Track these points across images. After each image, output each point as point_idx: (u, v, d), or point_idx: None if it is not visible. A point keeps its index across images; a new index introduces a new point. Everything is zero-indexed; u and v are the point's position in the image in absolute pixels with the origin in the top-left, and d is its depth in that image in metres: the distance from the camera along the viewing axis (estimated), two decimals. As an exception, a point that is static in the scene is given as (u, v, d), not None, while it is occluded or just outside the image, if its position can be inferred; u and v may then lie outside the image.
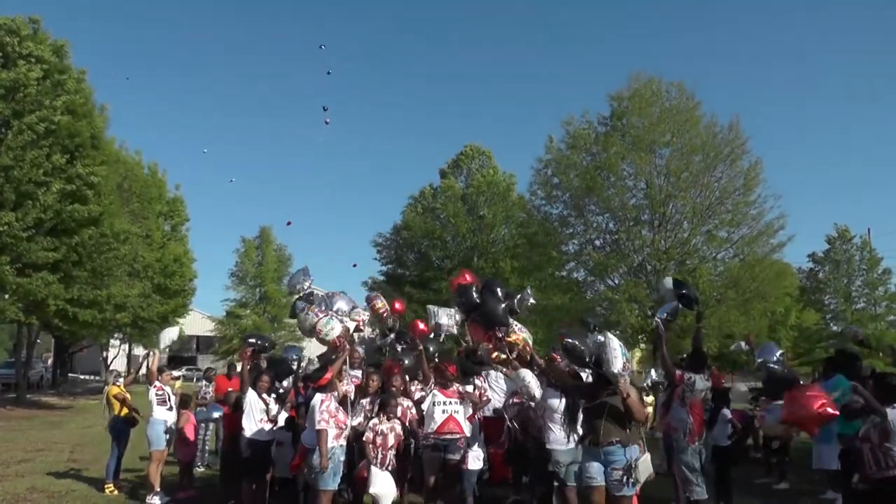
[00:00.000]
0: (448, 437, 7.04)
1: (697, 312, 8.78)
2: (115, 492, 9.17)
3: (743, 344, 8.84)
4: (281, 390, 8.13)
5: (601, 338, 5.62)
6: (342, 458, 6.51)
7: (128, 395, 9.69)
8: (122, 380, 10.08)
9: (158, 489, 8.69)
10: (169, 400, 9.14)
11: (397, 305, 10.23)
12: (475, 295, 8.51)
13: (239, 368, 9.18)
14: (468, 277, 9.12)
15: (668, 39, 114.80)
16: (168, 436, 9.03)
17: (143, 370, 10.33)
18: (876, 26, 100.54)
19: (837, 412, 6.50)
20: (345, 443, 6.58)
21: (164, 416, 9.00)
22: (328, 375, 6.52)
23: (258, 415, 7.41)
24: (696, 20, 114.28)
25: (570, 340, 6.00)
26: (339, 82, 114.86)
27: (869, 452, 5.80)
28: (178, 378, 10.52)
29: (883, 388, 6.03)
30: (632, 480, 5.31)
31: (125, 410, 9.51)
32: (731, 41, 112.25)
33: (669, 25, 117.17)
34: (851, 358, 8.84)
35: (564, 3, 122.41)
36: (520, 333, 8.42)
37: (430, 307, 9.41)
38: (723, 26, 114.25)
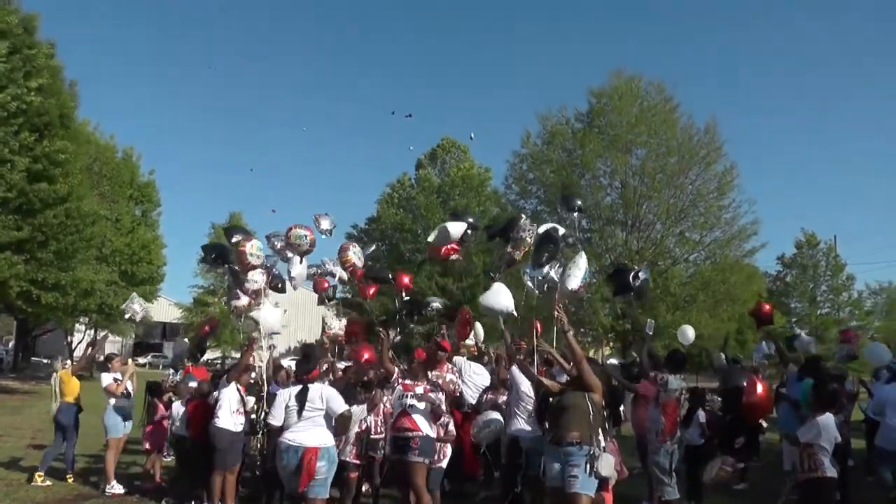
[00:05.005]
0: (400, 434, 6.43)
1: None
2: (72, 479, 8.99)
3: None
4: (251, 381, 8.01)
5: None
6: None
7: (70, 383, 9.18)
8: (68, 364, 9.83)
9: (113, 479, 8.56)
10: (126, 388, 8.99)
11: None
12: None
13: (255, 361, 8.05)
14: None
15: (646, 40, 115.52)
16: (126, 423, 8.91)
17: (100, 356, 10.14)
18: (846, 34, 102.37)
19: None
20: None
21: (122, 404, 8.88)
22: (317, 371, 6.16)
23: (235, 405, 7.32)
24: (675, 23, 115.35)
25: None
26: (319, 72, 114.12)
27: (798, 455, 6.06)
28: (132, 362, 10.22)
29: (822, 396, 6.23)
30: (592, 477, 5.17)
31: (71, 398, 9.02)
32: (706, 46, 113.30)
33: (648, 26, 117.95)
34: (816, 360, 9.00)
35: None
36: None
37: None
38: (699, 32, 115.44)
